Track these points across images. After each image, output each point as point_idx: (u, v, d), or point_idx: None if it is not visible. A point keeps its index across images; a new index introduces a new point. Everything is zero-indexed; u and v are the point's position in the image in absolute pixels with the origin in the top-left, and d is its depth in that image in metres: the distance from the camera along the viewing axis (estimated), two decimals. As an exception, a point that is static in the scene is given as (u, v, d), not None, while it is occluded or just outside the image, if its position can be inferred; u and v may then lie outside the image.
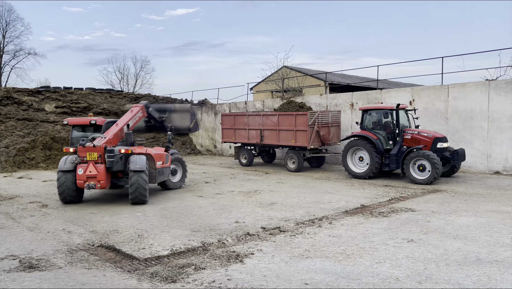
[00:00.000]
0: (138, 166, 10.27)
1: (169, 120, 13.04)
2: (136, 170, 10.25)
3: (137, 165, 10.29)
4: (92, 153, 10.19)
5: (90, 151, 10.19)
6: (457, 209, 9.41)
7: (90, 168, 10.10)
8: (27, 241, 7.31)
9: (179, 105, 13.46)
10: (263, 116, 18.09)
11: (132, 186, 10.21)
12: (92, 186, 10.09)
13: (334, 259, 6.09)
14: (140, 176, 10.22)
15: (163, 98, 27.77)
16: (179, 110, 13.35)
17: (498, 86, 14.80)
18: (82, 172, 10.08)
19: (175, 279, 5.40)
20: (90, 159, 10.18)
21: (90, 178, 10.09)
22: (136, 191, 10.19)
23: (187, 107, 13.44)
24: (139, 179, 10.20)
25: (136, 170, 10.24)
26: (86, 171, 10.08)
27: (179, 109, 13.34)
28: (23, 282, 5.37)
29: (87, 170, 10.08)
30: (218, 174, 16.37)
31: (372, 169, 14.14)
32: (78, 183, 10.16)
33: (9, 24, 45.95)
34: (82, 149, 10.21)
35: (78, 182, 10.15)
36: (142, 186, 10.22)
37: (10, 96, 21.84)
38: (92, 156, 10.19)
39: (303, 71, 30.71)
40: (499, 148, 14.78)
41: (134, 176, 10.21)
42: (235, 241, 7.16)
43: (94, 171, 10.10)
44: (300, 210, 9.55)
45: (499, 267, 5.67)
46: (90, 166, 10.10)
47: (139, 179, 10.21)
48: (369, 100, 18.21)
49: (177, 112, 13.23)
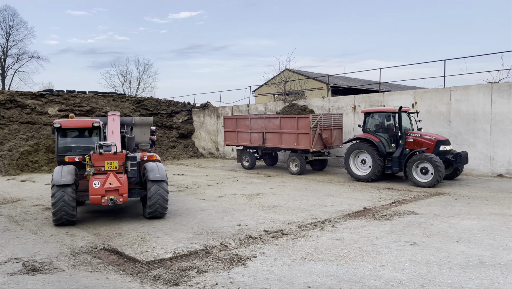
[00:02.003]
0: (158, 175, 8.86)
1: (131, 134, 11.17)
2: (157, 180, 8.83)
3: (157, 174, 8.88)
4: (112, 162, 8.54)
5: (109, 159, 8.53)
6: (460, 212, 9.39)
7: (111, 179, 8.39)
8: (30, 244, 7.34)
9: (139, 119, 11.75)
10: (265, 119, 18.12)
11: (151, 198, 8.82)
12: (114, 201, 8.33)
13: (337, 262, 6.08)
14: (162, 186, 8.87)
15: (165, 101, 27.84)
16: (139, 124, 11.87)
17: (500, 89, 14.78)
18: (100, 185, 8.29)
19: (178, 282, 5.41)
20: (109, 169, 8.53)
21: (110, 191, 8.36)
22: (157, 203, 8.87)
23: (149, 121, 11.80)
24: (160, 190, 8.83)
25: (156, 179, 8.82)
26: (105, 183, 8.33)
27: (139, 123, 11.70)
28: (26, 285, 5.39)
29: (106, 182, 8.35)
30: (220, 177, 16.38)
31: (374, 171, 14.13)
32: (92, 199, 8.35)
33: (13, 28, 46.37)
34: (98, 157, 8.48)
35: (92, 198, 8.34)
36: (164, 197, 8.90)
37: (13, 100, 21.95)
38: (112, 165, 8.54)
39: (305, 74, 30.76)
40: (502, 150, 14.74)
41: (154, 186, 8.82)
42: (237, 244, 7.16)
43: (116, 182, 8.39)
44: (303, 213, 9.55)
45: (502, 270, 5.65)
46: (111, 176, 8.41)
47: (160, 189, 8.84)
48: (371, 103, 18.21)
49: (137, 127, 11.64)
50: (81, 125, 9.79)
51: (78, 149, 9.83)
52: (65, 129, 9.76)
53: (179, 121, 27.72)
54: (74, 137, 9.95)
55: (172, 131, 27.21)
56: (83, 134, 9.96)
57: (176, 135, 27.21)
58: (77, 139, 9.95)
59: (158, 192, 8.83)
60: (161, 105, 27.45)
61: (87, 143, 9.86)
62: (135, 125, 11.48)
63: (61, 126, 9.62)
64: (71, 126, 9.76)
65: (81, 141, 9.92)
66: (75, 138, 9.95)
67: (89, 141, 9.89)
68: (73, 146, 9.88)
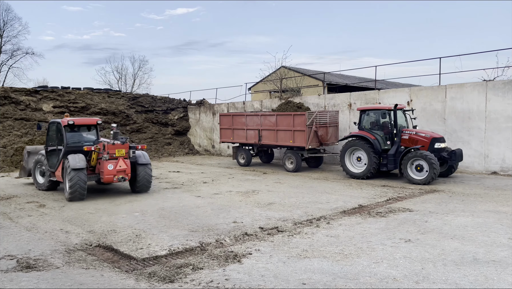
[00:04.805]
0: (145, 160, 11.94)
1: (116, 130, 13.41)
2: (144, 163, 11.86)
3: (144, 159, 11.94)
4: (120, 150, 11.29)
5: (119, 148, 11.28)
6: (455, 209, 9.44)
7: (121, 163, 11.25)
8: (24, 241, 7.30)
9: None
10: (261, 116, 18.10)
11: (140, 176, 11.75)
12: (123, 178, 11.27)
13: (332, 259, 6.10)
14: (148, 167, 11.94)
15: (161, 98, 27.75)
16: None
17: (495, 87, 14.85)
18: (113, 167, 11.14)
19: (173, 279, 5.40)
20: (119, 155, 11.24)
21: (120, 172, 11.23)
22: (144, 179, 11.81)
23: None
24: (147, 170, 11.88)
25: (143, 163, 11.85)
26: (116, 166, 11.16)
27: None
28: (20, 282, 5.36)
29: (117, 165, 11.18)
30: (216, 174, 16.37)
31: (370, 169, 14.16)
32: (106, 178, 11.11)
33: (7, 23, 45.82)
34: (111, 146, 11.19)
35: (106, 177, 11.10)
36: (149, 175, 11.99)
37: (7, 96, 21.78)
38: (121, 152, 11.29)
39: (301, 72, 30.73)
40: (497, 148, 14.82)
41: (142, 167, 11.81)
42: (233, 241, 7.17)
43: (124, 165, 11.29)
44: (298, 210, 9.56)
45: (496, 267, 5.69)
46: (121, 161, 11.25)
47: (146, 170, 11.88)
48: (367, 101, 18.24)
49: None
50: (88, 122, 12.38)
51: (83, 141, 12.11)
52: (73, 126, 11.97)
53: (174, 118, 27.64)
54: (79, 132, 12.24)
55: (168, 128, 27.13)
56: (87, 129, 12.40)
57: (172, 132, 27.13)
58: (81, 133, 12.29)
59: (145, 171, 11.86)
60: (157, 102, 27.35)
61: (89, 136, 12.30)
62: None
63: (74, 123, 11.86)
64: (81, 123, 12.20)
65: (84, 135, 12.31)
66: (79, 133, 12.23)
67: (91, 135, 12.35)
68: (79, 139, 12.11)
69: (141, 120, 26.05)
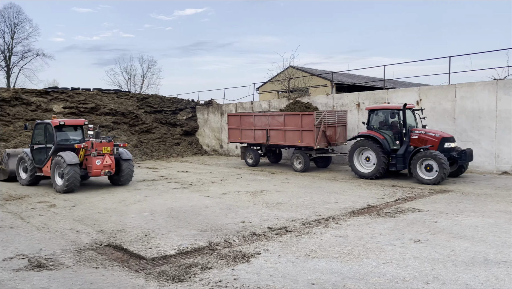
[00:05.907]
0: (128, 156, 13.50)
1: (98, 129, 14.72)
2: (127, 159, 13.42)
3: (127, 155, 13.51)
4: (107, 147, 12.77)
5: (105, 145, 12.78)
6: (465, 209, 9.36)
7: (107, 158, 12.73)
8: (35, 241, 7.39)
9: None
10: (269, 116, 18.10)
11: (124, 170, 13.33)
12: (109, 172, 12.80)
13: (341, 259, 6.08)
14: (130, 163, 13.52)
15: (169, 99, 27.87)
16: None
17: (506, 86, 14.68)
18: (100, 163, 12.59)
19: (182, 279, 5.43)
20: (105, 152, 12.74)
21: (106, 166, 12.72)
22: (128, 174, 13.44)
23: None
24: (129, 165, 13.46)
25: (127, 158, 13.42)
26: (103, 161, 12.64)
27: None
28: (32, 281, 5.43)
29: (104, 160, 12.65)
30: (224, 174, 16.41)
31: (378, 169, 14.09)
32: (94, 172, 12.57)
33: (18, 25, 46.37)
34: (99, 144, 12.67)
35: (94, 171, 12.55)
36: (132, 170, 13.57)
37: (18, 97, 22.05)
38: (107, 149, 12.78)
39: (309, 71, 30.66)
40: (507, 147, 14.66)
41: (126, 163, 13.38)
42: (241, 241, 7.18)
43: (109, 161, 12.78)
44: (307, 210, 9.55)
45: (507, 267, 5.64)
46: (107, 157, 12.74)
47: (129, 165, 13.47)
48: (375, 100, 18.15)
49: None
50: (76, 123, 13.78)
51: (70, 140, 13.46)
52: (62, 126, 13.31)
53: (183, 119, 27.75)
54: (65, 132, 13.51)
55: (176, 129, 27.24)
56: (73, 129, 13.71)
57: (180, 132, 27.24)
58: (67, 133, 13.56)
59: (128, 166, 13.43)
60: (165, 102, 27.48)
61: (76, 136, 13.64)
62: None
63: (65, 124, 13.28)
64: (70, 123, 13.55)
65: (72, 135, 13.63)
66: (65, 132, 13.51)
67: (77, 134, 13.68)
68: (67, 138, 13.46)
69: (150, 121, 26.20)
